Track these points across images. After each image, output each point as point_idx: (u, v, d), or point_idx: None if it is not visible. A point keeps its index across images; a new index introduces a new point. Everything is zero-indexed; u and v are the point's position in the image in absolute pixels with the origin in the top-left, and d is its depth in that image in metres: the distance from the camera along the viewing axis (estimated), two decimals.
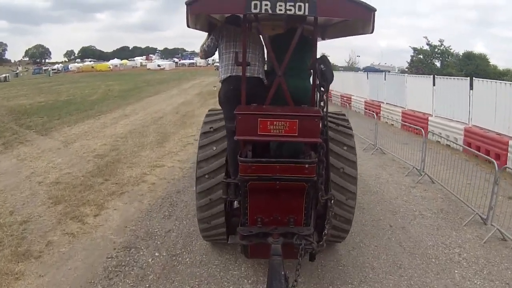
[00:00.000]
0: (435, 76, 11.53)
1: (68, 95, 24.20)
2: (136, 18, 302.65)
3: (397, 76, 14.97)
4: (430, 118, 11.00)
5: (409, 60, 36.92)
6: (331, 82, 3.09)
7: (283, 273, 2.69)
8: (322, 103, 3.13)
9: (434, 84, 11.20)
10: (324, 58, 3.18)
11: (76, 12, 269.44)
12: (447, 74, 17.99)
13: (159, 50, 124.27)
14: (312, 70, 3.22)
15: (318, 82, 3.17)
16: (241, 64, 3.04)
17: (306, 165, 2.87)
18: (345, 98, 18.51)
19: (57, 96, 23.96)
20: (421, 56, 34.90)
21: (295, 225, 3.11)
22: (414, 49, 35.88)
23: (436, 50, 34.16)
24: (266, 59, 3.64)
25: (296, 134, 2.82)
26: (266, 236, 3.03)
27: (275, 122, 2.80)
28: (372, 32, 2.82)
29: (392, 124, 12.72)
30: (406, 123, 11.37)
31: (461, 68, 30.57)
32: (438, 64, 34.16)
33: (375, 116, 10.45)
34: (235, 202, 3.60)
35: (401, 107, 13.18)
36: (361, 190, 6.14)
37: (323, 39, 4.65)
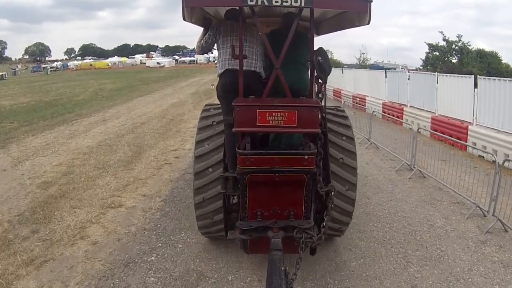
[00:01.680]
0: (477, 76, 9.37)
1: (55, 95, 23.28)
2: (138, 16, 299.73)
3: (425, 75, 12.67)
4: (470, 127, 8.93)
5: (423, 57, 34.05)
6: (329, 74, 3.06)
7: (283, 268, 2.52)
8: (320, 95, 3.09)
9: (476, 86, 9.06)
10: (321, 49, 3.11)
11: (77, 10, 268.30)
12: (467, 73, 15.90)
13: (160, 48, 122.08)
14: (309, 62, 3.14)
15: (316, 74, 3.12)
16: (237, 57, 2.98)
17: (306, 157, 2.78)
18: (358, 99, 16.34)
19: (44, 96, 23.13)
20: (437, 53, 32.01)
21: (295, 218, 3.03)
22: (430, 45, 32.71)
23: (454, 46, 31.33)
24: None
25: (295, 125, 2.74)
26: (266, 230, 2.95)
27: (273, 113, 2.73)
28: (368, 23, 2.79)
29: (419, 131, 10.56)
30: (438, 133, 9.31)
31: (483, 67, 27.86)
32: (454, 61, 31.40)
33: (412, 126, 8.32)
34: (234, 197, 3.56)
35: (430, 111, 11.03)
36: (416, 255, 4.02)
37: (317, 34, 4.54)
